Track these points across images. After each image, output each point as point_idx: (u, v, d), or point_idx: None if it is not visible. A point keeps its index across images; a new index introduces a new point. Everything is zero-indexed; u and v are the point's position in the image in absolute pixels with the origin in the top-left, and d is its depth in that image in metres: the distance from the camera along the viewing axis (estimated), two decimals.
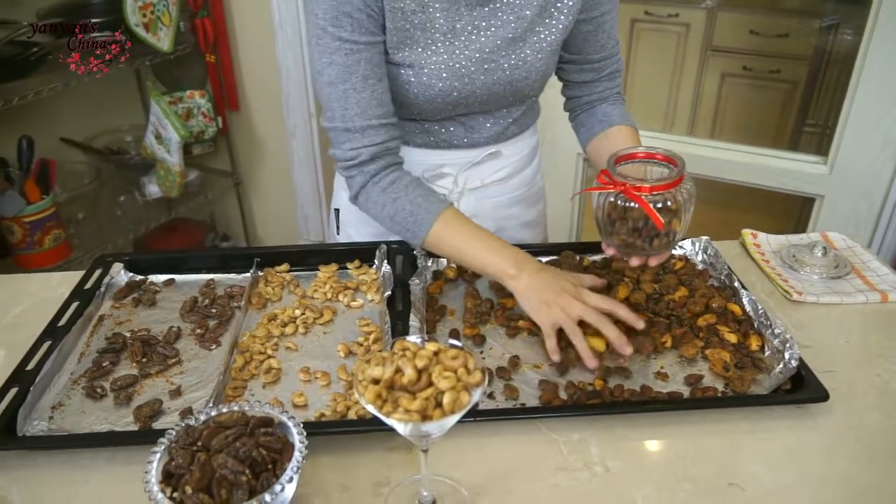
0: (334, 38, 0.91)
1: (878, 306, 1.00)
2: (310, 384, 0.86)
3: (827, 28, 2.64)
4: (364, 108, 0.94)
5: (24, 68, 1.89)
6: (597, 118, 1.10)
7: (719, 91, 3.17)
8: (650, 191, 0.82)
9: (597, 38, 1.05)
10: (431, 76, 0.97)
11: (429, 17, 0.95)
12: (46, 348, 0.88)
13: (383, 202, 0.97)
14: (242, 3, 2.23)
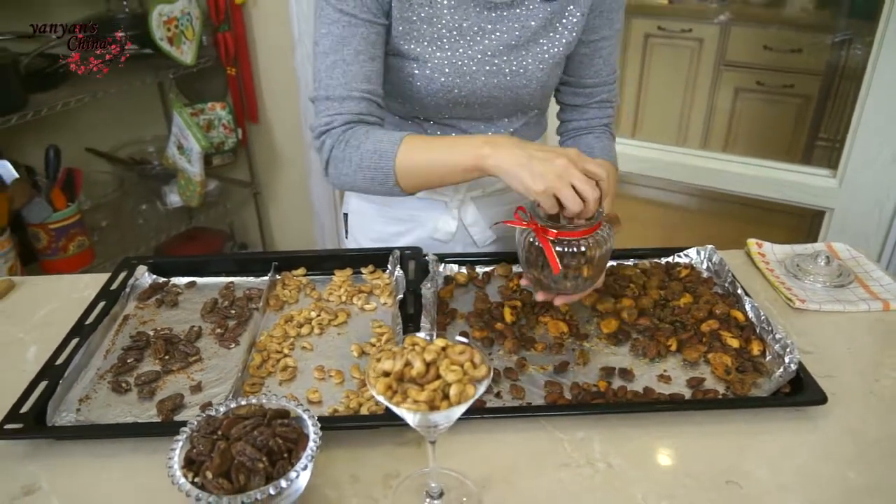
0: (335, 10, 0.95)
1: (879, 315, 1.02)
2: (324, 382, 0.90)
3: (839, 43, 2.65)
4: (349, 80, 0.96)
5: (53, 80, 1.96)
6: (579, 148, 1.12)
7: (733, 105, 3.19)
8: (556, 235, 0.84)
9: (592, 62, 1.09)
10: (434, 70, 1.01)
11: (436, 11, 0.99)
12: (74, 345, 0.92)
13: (349, 156, 0.95)
14: (263, 17, 2.29)
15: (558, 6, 1.00)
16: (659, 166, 2.03)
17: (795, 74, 2.97)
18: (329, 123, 0.96)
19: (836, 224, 1.80)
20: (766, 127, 3.12)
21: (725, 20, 3.05)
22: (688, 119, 3.30)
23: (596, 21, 1.05)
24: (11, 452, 0.79)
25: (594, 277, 0.91)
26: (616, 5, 1.06)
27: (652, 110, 3.35)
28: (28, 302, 1.08)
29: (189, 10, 2.13)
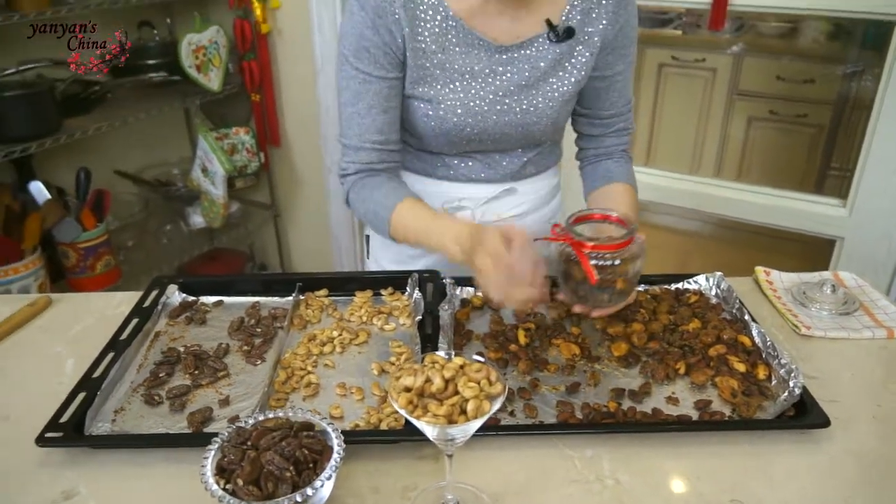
0: (352, 67, 1.04)
1: (883, 342, 1.05)
2: (345, 398, 0.94)
3: (850, 75, 2.70)
4: (362, 132, 1.08)
5: (86, 105, 2.04)
6: (599, 173, 1.18)
7: (746, 134, 3.23)
8: (592, 248, 0.90)
9: (608, 95, 1.14)
10: (447, 111, 1.07)
11: (448, 57, 1.05)
12: (110, 359, 0.97)
13: (358, 205, 1.12)
14: (287, 46, 2.38)
15: (567, 47, 1.06)
16: (672, 194, 2.07)
17: (808, 104, 3.01)
18: (346, 169, 1.12)
19: (847, 253, 1.82)
20: (780, 156, 3.15)
21: (738, 51, 3.10)
22: (701, 147, 3.34)
23: (609, 57, 1.10)
24: (52, 460, 0.84)
25: (627, 291, 0.96)
26: (628, 41, 1.11)
27: (666, 139, 3.39)
28: (65, 317, 1.14)
29: (217, 39, 2.22)
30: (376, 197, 1.08)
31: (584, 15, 1.06)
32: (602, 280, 0.91)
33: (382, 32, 1.01)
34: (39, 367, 1.02)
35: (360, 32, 1.01)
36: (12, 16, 1.71)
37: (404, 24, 1.00)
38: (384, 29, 1.00)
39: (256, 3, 2.24)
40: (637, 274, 0.95)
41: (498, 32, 1.04)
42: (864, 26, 2.56)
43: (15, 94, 1.77)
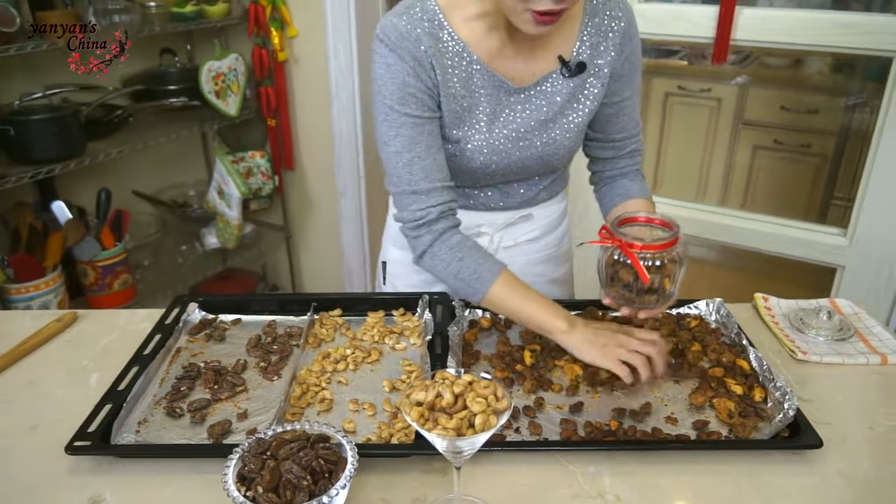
0: (401, 115, 1.06)
1: (877, 368, 1.09)
2: (358, 413, 0.98)
3: (852, 106, 2.75)
4: (428, 173, 1.07)
5: (109, 128, 2.11)
6: (616, 191, 1.23)
7: (751, 163, 3.27)
8: (641, 249, 0.94)
9: (618, 120, 1.19)
10: (474, 151, 1.12)
11: (475, 101, 1.10)
12: (134, 373, 1.02)
13: (449, 260, 1.07)
14: (303, 73, 2.45)
15: (579, 80, 1.11)
16: (678, 222, 2.11)
17: (812, 134, 3.06)
18: (424, 217, 1.07)
19: (847, 281, 1.86)
20: (784, 185, 3.20)
21: (743, 81, 3.16)
22: (707, 175, 3.39)
23: (617, 85, 1.15)
24: (80, 467, 0.88)
25: (672, 293, 0.99)
26: (634, 68, 1.16)
27: (672, 167, 3.44)
28: (90, 333, 1.19)
29: (236, 66, 2.29)
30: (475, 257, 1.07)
31: (592, 49, 1.11)
32: (651, 280, 0.95)
33: (423, 78, 1.05)
34: (66, 379, 1.07)
35: (403, 80, 1.04)
36: (41, 43, 1.79)
37: (437, 72, 1.05)
38: (424, 74, 1.04)
39: (274, 31, 2.32)
40: (682, 275, 0.98)
41: (515, 72, 1.10)
42: (865, 60, 2.62)
43: (42, 117, 1.84)
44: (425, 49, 1.04)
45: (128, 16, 1.99)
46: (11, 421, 0.98)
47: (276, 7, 2.30)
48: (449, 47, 1.06)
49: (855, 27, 1.65)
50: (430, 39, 1.04)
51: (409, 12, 1.05)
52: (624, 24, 1.11)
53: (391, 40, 1.04)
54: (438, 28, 1.05)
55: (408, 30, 1.04)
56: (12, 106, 1.88)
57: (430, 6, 1.05)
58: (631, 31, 1.13)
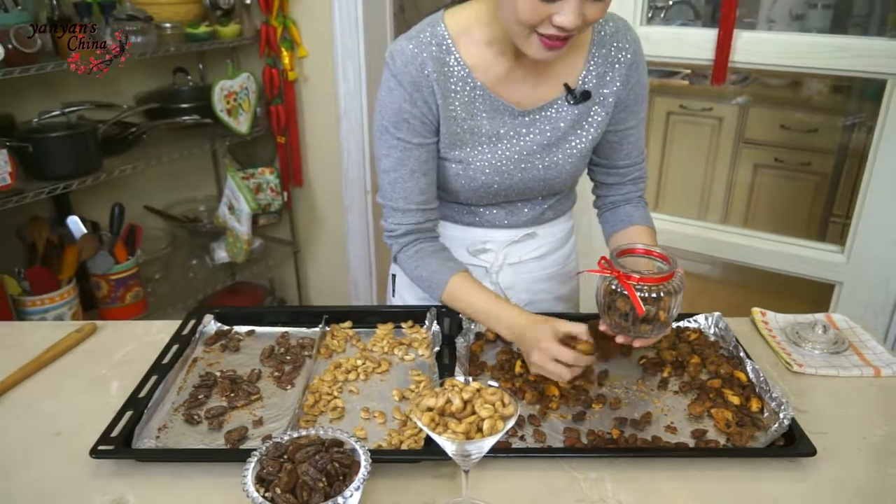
0: (393, 137, 1.13)
1: (871, 380, 1.13)
2: (369, 421, 1.02)
3: (850, 126, 2.80)
4: (407, 195, 1.16)
5: (124, 145, 2.17)
6: (619, 217, 1.27)
7: (752, 181, 3.32)
8: (638, 281, 0.97)
9: (622, 147, 1.23)
10: (477, 171, 1.17)
11: (477, 123, 1.15)
12: (154, 381, 1.06)
13: (411, 266, 1.20)
14: (312, 93, 2.51)
15: (584, 108, 1.16)
16: (680, 239, 2.15)
17: (812, 153, 3.11)
18: (393, 231, 1.20)
19: (846, 297, 1.89)
20: (785, 202, 3.24)
21: (744, 101, 3.21)
22: (709, 193, 3.43)
23: (622, 114, 1.20)
24: (103, 470, 0.92)
25: (667, 323, 1.02)
26: (640, 98, 1.21)
27: (674, 184, 3.49)
28: (109, 343, 1.23)
29: (247, 85, 2.35)
30: (431, 266, 1.18)
31: (599, 78, 1.16)
32: (646, 311, 0.99)
33: (420, 105, 1.10)
34: (87, 387, 1.11)
35: (399, 106, 1.10)
36: (62, 63, 1.85)
37: (438, 96, 1.10)
38: (421, 101, 1.10)
39: (285, 52, 2.39)
40: (677, 307, 1.01)
41: (521, 97, 1.14)
42: (863, 81, 2.67)
43: (60, 134, 1.90)
44: (428, 73, 1.09)
45: (144, 37, 2.05)
46: (37, 426, 1.02)
47: (287, 28, 2.37)
48: (454, 72, 1.11)
49: (850, 50, 1.70)
50: (436, 63, 1.10)
51: (419, 36, 1.10)
52: (630, 55, 1.16)
53: (396, 65, 1.10)
54: (446, 53, 1.10)
55: (414, 54, 1.09)
56: (31, 123, 1.94)
57: (440, 31, 1.11)
58: (638, 63, 1.17)
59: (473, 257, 1.28)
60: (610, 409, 1.05)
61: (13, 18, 1.82)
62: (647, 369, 1.13)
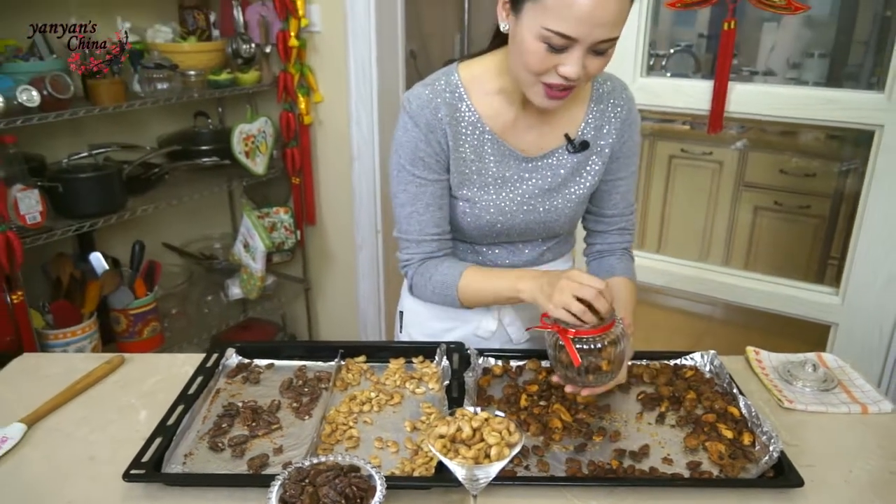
0: (409, 174, 1.22)
1: (858, 417, 1.18)
2: (382, 450, 1.08)
3: (845, 171, 2.88)
4: (422, 227, 1.24)
5: (146, 185, 2.26)
6: (603, 268, 1.35)
7: (753, 223, 3.39)
8: (574, 334, 1.04)
9: (611, 197, 1.32)
10: (482, 210, 1.25)
11: (484, 165, 1.24)
12: (180, 411, 1.13)
13: (423, 283, 1.27)
14: (326, 136, 2.62)
15: (583, 157, 1.25)
16: (681, 280, 2.22)
17: (810, 196, 3.19)
18: (409, 260, 1.29)
19: (841, 338, 1.95)
20: (785, 244, 3.31)
21: (742, 146, 3.31)
22: (710, 235, 3.51)
23: (614, 165, 1.29)
24: (134, 493, 0.99)
25: (613, 372, 1.09)
26: (631, 153, 1.30)
27: (676, 227, 3.56)
28: (137, 375, 1.30)
29: (265, 128, 2.46)
30: (441, 270, 1.26)
31: (596, 130, 1.25)
32: (588, 362, 1.05)
33: (433, 144, 1.20)
34: (117, 416, 1.18)
35: (415, 145, 1.20)
36: (92, 109, 1.96)
37: (449, 138, 1.20)
38: (434, 141, 1.20)
39: (301, 97, 2.50)
40: (621, 355, 1.07)
41: (525, 145, 1.24)
42: (854, 129, 2.76)
43: (89, 175, 2.00)
44: (441, 117, 1.19)
45: (169, 83, 2.17)
46: (71, 451, 1.08)
47: (304, 75, 2.49)
48: (465, 117, 1.21)
49: (839, 103, 1.80)
50: (448, 109, 1.19)
51: (434, 83, 1.21)
52: (625, 112, 1.26)
53: (412, 108, 1.19)
54: (458, 100, 1.20)
55: (429, 98, 1.19)
56: (61, 164, 2.04)
57: (454, 80, 1.21)
58: (631, 119, 1.27)
59: None
60: (610, 442, 1.11)
61: (48, 66, 1.94)
62: (645, 404, 1.20)
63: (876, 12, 2.77)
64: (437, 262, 1.27)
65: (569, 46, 1.03)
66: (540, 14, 1.01)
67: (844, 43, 3.05)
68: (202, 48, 2.33)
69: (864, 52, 2.83)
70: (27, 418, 1.14)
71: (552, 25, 1.00)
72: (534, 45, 1.04)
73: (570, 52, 1.03)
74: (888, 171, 1.77)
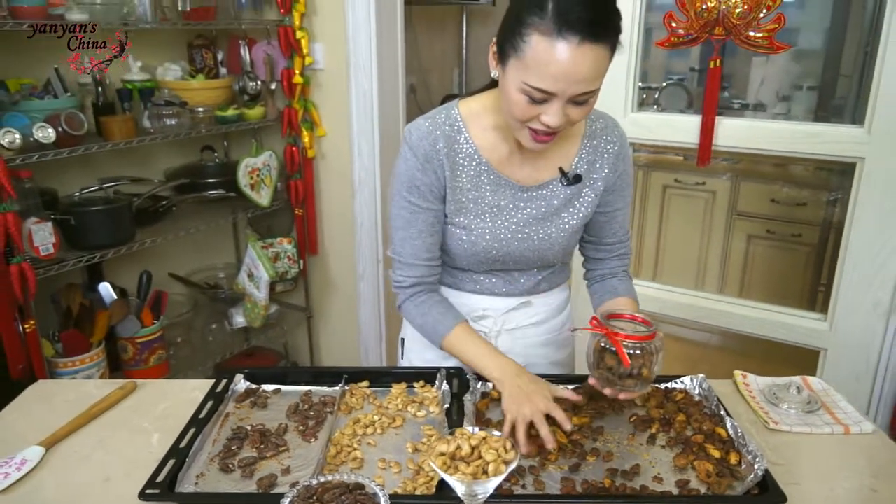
0: (405, 200, 1.30)
1: (841, 437, 1.24)
2: (385, 471, 1.13)
3: (833, 201, 2.96)
4: (414, 251, 1.32)
5: (154, 217, 2.33)
6: (606, 289, 1.42)
7: (746, 251, 3.46)
8: (625, 338, 1.12)
9: (610, 227, 1.39)
10: (478, 237, 1.32)
11: (480, 194, 1.31)
12: (192, 434, 1.18)
13: (415, 315, 1.35)
14: (329, 169, 2.70)
15: (576, 189, 1.32)
16: (675, 307, 2.28)
17: (802, 225, 3.26)
18: (401, 282, 1.36)
19: (830, 363, 2.01)
20: (779, 272, 3.37)
21: (734, 177, 3.39)
22: (705, 263, 3.57)
23: (610, 197, 1.36)
24: None
25: (649, 379, 1.16)
26: (625, 184, 1.37)
27: (672, 255, 3.63)
28: (149, 400, 1.36)
29: (269, 162, 2.54)
30: (436, 312, 1.33)
31: (589, 164, 1.33)
32: (631, 366, 1.12)
33: (430, 174, 1.27)
34: (131, 439, 1.23)
35: (412, 174, 1.27)
36: (105, 144, 2.04)
37: (446, 168, 1.27)
38: (431, 171, 1.27)
39: (305, 132, 2.59)
40: (658, 364, 1.14)
41: (521, 176, 1.31)
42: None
43: (100, 208, 2.07)
44: (440, 148, 1.26)
45: (178, 119, 2.25)
46: (89, 472, 1.13)
47: (308, 111, 2.58)
48: (463, 149, 1.28)
49: (822, 136, 1.88)
50: (447, 140, 1.27)
51: (434, 117, 1.29)
52: (618, 148, 1.33)
53: (412, 139, 1.27)
54: (457, 133, 1.28)
55: (429, 130, 1.27)
56: (73, 198, 2.11)
57: (454, 114, 1.29)
58: (623, 154, 1.34)
59: (474, 323, 1.41)
60: (603, 462, 1.16)
61: (62, 104, 2.02)
62: (637, 426, 1.25)
63: (859, 47, 2.87)
64: (435, 302, 1.34)
65: (549, 99, 1.10)
66: (522, 70, 1.09)
67: (832, 76, 3.15)
68: (210, 85, 2.42)
69: (849, 85, 2.92)
70: (45, 441, 1.19)
71: (532, 82, 1.08)
72: (517, 97, 1.12)
73: (551, 104, 1.11)
74: (870, 202, 1.84)
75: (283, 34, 2.46)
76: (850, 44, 3.02)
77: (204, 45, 2.52)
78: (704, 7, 1.85)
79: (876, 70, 1.76)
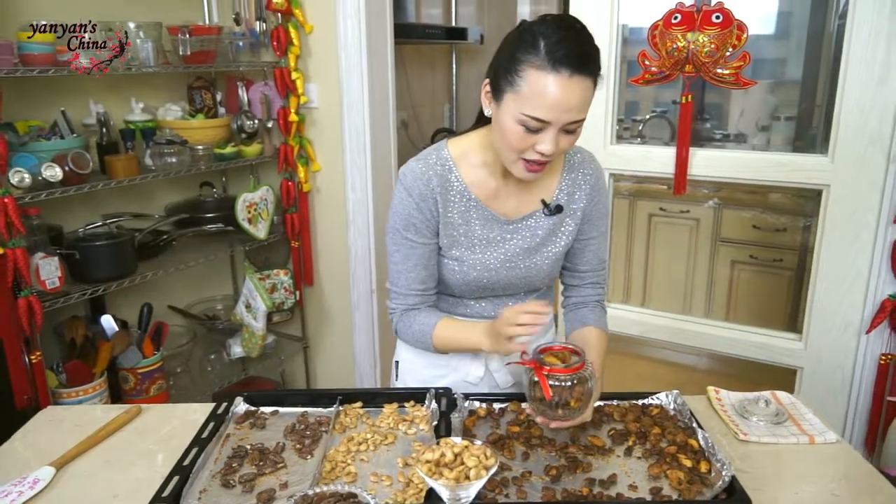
0: (402, 237, 1.39)
1: (806, 447, 1.32)
2: (377, 484, 1.21)
3: (808, 226, 3.07)
4: (409, 283, 1.41)
5: (155, 251, 2.42)
6: (577, 318, 1.51)
7: (731, 276, 3.56)
8: (548, 371, 1.20)
9: (584, 255, 1.49)
10: (470, 268, 1.41)
11: (471, 228, 1.40)
12: (195, 453, 1.25)
13: (405, 331, 1.45)
14: (324, 202, 2.80)
15: (558, 220, 1.42)
16: (661, 331, 2.36)
17: (782, 250, 3.37)
18: (395, 309, 1.46)
19: (807, 381, 2.09)
20: (762, 296, 3.46)
21: (716, 204, 3.50)
22: (691, 288, 3.66)
23: (586, 226, 1.46)
24: None
25: (581, 409, 1.23)
26: (600, 215, 1.47)
27: (659, 281, 3.72)
28: (153, 423, 1.43)
29: (266, 196, 2.64)
30: (420, 319, 1.42)
31: (569, 196, 1.43)
32: (557, 397, 1.20)
33: (425, 211, 1.37)
34: (137, 459, 1.30)
35: (408, 212, 1.37)
36: (109, 182, 2.13)
37: (440, 205, 1.37)
38: (426, 209, 1.37)
39: (301, 167, 2.69)
40: (588, 394, 1.22)
41: (507, 210, 1.41)
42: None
43: (104, 243, 2.16)
44: (433, 187, 1.36)
45: (178, 157, 2.35)
46: (96, 491, 1.20)
47: (303, 147, 2.68)
48: (454, 186, 1.38)
49: (788, 165, 1.99)
50: (439, 179, 1.36)
51: (426, 158, 1.39)
52: (594, 178, 1.44)
53: (407, 181, 1.37)
54: (448, 171, 1.38)
55: (422, 171, 1.36)
56: (77, 233, 2.20)
57: (444, 154, 1.39)
58: (599, 185, 1.45)
59: None
60: (582, 472, 1.23)
61: (68, 144, 2.12)
62: (615, 439, 1.33)
63: (828, 77, 3.00)
64: (417, 312, 1.43)
65: (543, 128, 1.21)
66: (519, 102, 1.20)
67: (809, 106, 3.28)
68: (209, 124, 2.53)
69: (820, 115, 3.05)
70: (55, 462, 1.26)
71: (529, 111, 1.19)
72: (514, 128, 1.22)
73: (545, 133, 1.21)
74: (836, 226, 1.94)
75: (279, 75, 2.57)
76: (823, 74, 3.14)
77: (203, 86, 2.64)
78: (675, 46, 1.98)
79: (837, 99, 1.87)
